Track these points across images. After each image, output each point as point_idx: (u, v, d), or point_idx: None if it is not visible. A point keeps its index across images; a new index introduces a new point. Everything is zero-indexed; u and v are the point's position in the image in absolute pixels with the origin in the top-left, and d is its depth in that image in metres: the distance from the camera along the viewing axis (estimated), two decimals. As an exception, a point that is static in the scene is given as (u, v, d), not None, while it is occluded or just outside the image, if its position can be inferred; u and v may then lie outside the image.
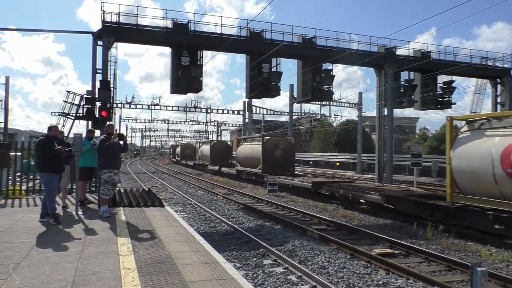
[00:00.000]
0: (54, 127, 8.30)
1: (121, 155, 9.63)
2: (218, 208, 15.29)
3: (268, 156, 24.56)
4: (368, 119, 55.59)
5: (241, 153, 29.46)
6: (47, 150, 7.83)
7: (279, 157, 25.19)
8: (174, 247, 6.07)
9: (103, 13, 18.45)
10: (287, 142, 26.45)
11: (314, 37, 21.63)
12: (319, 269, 7.48)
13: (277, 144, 25.43)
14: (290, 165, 25.69)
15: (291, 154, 26.41)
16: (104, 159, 8.75)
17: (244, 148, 29.39)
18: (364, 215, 14.00)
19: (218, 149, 39.07)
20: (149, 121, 61.89)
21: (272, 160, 24.60)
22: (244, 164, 28.57)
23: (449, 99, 25.06)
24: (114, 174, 8.84)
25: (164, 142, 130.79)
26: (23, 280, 4.37)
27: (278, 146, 25.33)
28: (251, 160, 26.65)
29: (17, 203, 10.33)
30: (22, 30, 51.34)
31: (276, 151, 25.11)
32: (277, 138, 27.24)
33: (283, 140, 26.62)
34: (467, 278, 6.89)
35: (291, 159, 26.18)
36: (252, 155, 26.50)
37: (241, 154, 29.39)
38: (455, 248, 9.34)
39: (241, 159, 29.18)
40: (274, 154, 24.91)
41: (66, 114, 18.37)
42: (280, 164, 24.68)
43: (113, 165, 8.84)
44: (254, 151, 26.23)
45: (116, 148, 8.93)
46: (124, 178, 31.42)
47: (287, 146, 25.96)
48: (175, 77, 19.66)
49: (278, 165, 24.57)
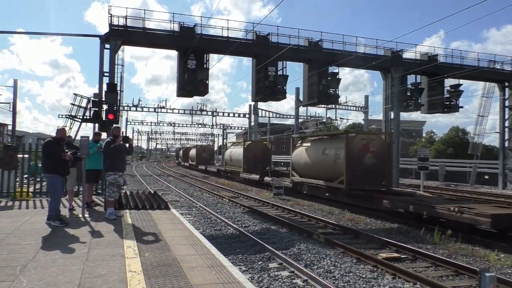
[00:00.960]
0: (61, 130, 8.39)
1: (126, 158, 9.67)
2: (223, 211, 15.28)
3: (354, 163, 16.04)
4: (375, 123, 55.35)
5: (301, 158, 20.45)
6: (52, 152, 7.94)
7: (371, 164, 16.23)
8: (179, 250, 6.07)
9: (110, 16, 18.62)
10: (381, 143, 16.93)
11: (320, 41, 21.67)
12: (325, 273, 7.44)
13: (367, 146, 16.35)
14: (384, 176, 16.74)
15: (387, 158, 16.86)
16: (110, 161, 8.78)
17: (305, 150, 20.14)
18: (371, 219, 13.92)
19: (255, 152, 30.92)
20: (155, 123, 62.24)
21: (360, 168, 16.06)
22: (305, 173, 19.95)
23: (456, 102, 24.96)
24: (119, 176, 8.87)
25: (170, 145, 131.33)
26: (30, 282, 4.39)
27: (368, 148, 16.30)
28: (322, 168, 17.97)
29: (24, 205, 10.39)
30: (30, 34, 52.43)
31: (366, 156, 16.19)
32: (368, 136, 17.65)
33: (376, 140, 16.96)
34: (475, 283, 6.81)
35: (386, 167, 16.77)
36: (324, 161, 17.86)
37: (300, 159, 20.51)
38: (463, 252, 9.25)
39: (301, 166, 20.40)
40: (364, 160, 16.19)
41: (73, 117, 18.53)
42: (370, 175, 16.13)
43: (118, 167, 8.88)
44: (328, 155, 17.55)
45: (122, 150, 8.97)
46: (130, 180, 31.53)
47: (382, 147, 16.71)
48: (181, 80, 19.76)
49: (368, 176, 16.09)
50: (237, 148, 33.08)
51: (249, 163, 30.09)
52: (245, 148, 30.66)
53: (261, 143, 33.37)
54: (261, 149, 31.56)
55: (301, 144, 21.31)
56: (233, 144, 37.43)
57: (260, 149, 31.40)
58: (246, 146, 30.84)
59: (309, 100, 22.83)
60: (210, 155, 53.26)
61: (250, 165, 29.96)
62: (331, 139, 18.78)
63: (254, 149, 31.07)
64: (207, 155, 51.98)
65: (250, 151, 30.75)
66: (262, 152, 31.14)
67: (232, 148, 35.38)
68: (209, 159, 51.66)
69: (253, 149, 31.03)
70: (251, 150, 30.89)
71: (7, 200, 11.18)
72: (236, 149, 33.14)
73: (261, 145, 32.55)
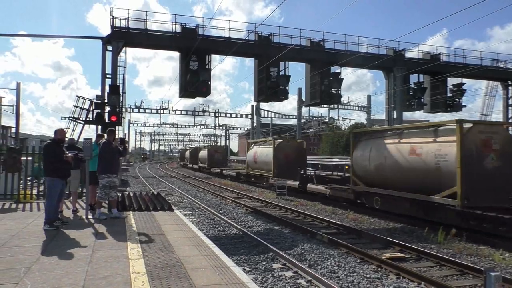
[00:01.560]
0: (60, 131, 8.25)
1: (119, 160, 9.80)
2: (227, 212, 15.28)
3: (473, 168, 10.94)
4: (377, 122, 55.26)
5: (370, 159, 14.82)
6: (51, 154, 7.86)
7: (494, 169, 11.11)
8: (183, 251, 6.06)
9: (112, 18, 18.66)
10: (505, 137, 11.58)
11: (322, 40, 21.66)
12: (329, 273, 7.42)
13: (488, 142, 11.24)
14: None
15: None
16: (105, 163, 8.92)
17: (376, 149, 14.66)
18: (374, 219, 13.88)
19: (287, 152, 25.36)
20: (158, 125, 62.53)
21: (481, 175, 10.95)
22: (376, 181, 14.47)
23: (459, 101, 24.89)
24: (113, 178, 9.02)
25: (172, 146, 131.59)
26: (34, 284, 4.40)
27: (490, 144, 11.27)
28: (409, 174, 12.87)
29: (28, 207, 10.42)
30: (32, 36, 52.48)
31: (488, 157, 11.13)
32: (488, 127, 11.80)
33: (500, 133, 11.58)
34: (480, 283, 6.78)
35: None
36: (414, 164, 12.63)
37: (369, 161, 14.84)
38: (467, 252, 9.21)
39: (369, 171, 14.87)
40: (485, 162, 11.16)
41: (76, 119, 18.59)
42: (495, 186, 10.94)
43: (112, 170, 9.04)
44: (423, 156, 12.34)
45: (116, 153, 9.15)
46: (134, 182, 31.58)
47: (508, 143, 11.53)
48: (184, 81, 19.79)
49: (492, 187, 10.94)
50: (264, 148, 27.54)
51: (281, 166, 24.76)
52: (276, 148, 25.05)
53: (295, 142, 27.97)
54: (295, 148, 25.98)
55: (369, 141, 15.28)
56: (257, 143, 30.77)
57: (294, 149, 25.84)
58: (277, 146, 25.25)
59: (312, 100, 22.81)
60: (223, 156, 48.25)
61: (282, 168, 24.53)
62: (426, 132, 12.81)
63: (286, 149, 25.51)
64: (220, 156, 47.09)
65: (281, 151, 25.17)
66: (296, 152, 25.61)
67: (256, 148, 29.35)
68: (223, 161, 46.89)
69: (284, 148, 25.47)
70: (282, 150, 25.27)
71: (11, 202, 11.22)
72: (263, 149, 27.67)
73: (294, 144, 26.92)
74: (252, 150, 29.81)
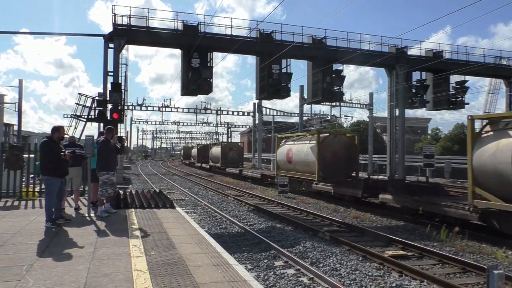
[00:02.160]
0: (60, 128, 8.08)
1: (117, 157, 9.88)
2: (228, 210, 15.28)
3: None
4: (379, 120, 55.13)
5: None
6: (48, 153, 7.74)
7: None
8: (185, 248, 6.06)
9: (114, 16, 18.62)
10: None
11: (324, 38, 21.56)
12: (331, 271, 7.41)
13: None
14: None
15: None
16: (104, 160, 9.01)
17: None
18: (376, 217, 13.86)
19: (335, 149, 19.84)
20: (160, 123, 62.37)
21: None
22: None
23: (462, 99, 24.76)
24: (111, 175, 9.14)
25: (174, 144, 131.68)
26: (36, 282, 4.39)
27: None
28: None
29: (30, 205, 10.44)
30: (34, 34, 52.49)
31: None
32: None
33: None
34: (482, 281, 6.77)
35: None
36: None
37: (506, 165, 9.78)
38: (470, 250, 9.19)
39: None
40: None
41: (78, 117, 18.60)
42: None
43: (111, 167, 9.15)
44: None
45: (113, 150, 9.27)
46: (136, 179, 31.63)
47: None
48: (185, 79, 19.74)
49: None
50: (302, 144, 21.57)
51: (328, 167, 19.28)
52: (321, 144, 19.35)
53: (344, 137, 21.35)
54: (345, 145, 20.20)
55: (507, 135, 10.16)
56: (291, 138, 24.48)
57: (343, 146, 20.09)
58: (322, 141, 19.52)
59: (313, 97, 22.73)
60: (239, 154, 42.41)
61: (329, 170, 19.26)
62: None
63: (334, 146, 19.82)
64: (235, 155, 41.47)
65: (328, 149, 19.56)
66: (346, 149, 20.03)
67: (290, 145, 23.13)
68: (238, 160, 41.40)
69: (332, 145, 19.79)
70: (329, 146, 19.65)
71: (13, 200, 11.24)
72: (300, 146, 21.68)
73: (344, 139, 20.71)
74: (285, 147, 23.67)
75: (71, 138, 10.44)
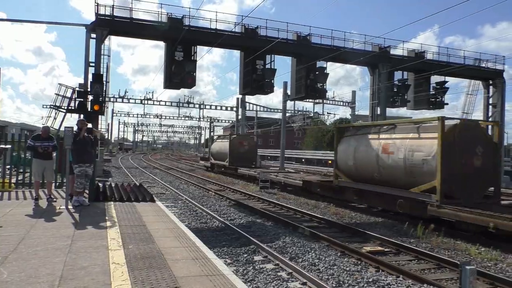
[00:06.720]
0: None
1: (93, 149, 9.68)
2: (209, 204, 15.25)
3: None
4: (362, 118, 55.73)
5: None
6: None
7: None
8: (164, 242, 6.04)
9: (97, 5, 18.26)
10: None
11: (309, 35, 21.62)
12: (310, 266, 7.49)
13: None
14: None
15: None
16: (76, 153, 8.96)
17: None
18: (356, 213, 14.04)
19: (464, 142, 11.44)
20: (142, 115, 61.44)
21: None
22: None
23: (442, 99, 25.22)
24: (86, 167, 9.11)
25: (156, 137, 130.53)
26: (10, 274, 4.32)
27: None
28: None
29: (6, 196, 10.21)
30: (13, 21, 50.42)
31: None
32: None
33: None
34: (456, 276, 6.94)
35: None
36: None
37: None
38: (445, 246, 9.41)
39: None
40: None
41: (58, 107, 18.25)
42: None
43: (84, 159, 9.09)
44: None
45: (87, 143, 9.19)
46: (116, 172, 31.24)
47: None
48: (169, 72, 19.55)
49: None
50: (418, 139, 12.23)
51: None
52: (447, 136, 11.14)
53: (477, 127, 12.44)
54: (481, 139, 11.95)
55: None
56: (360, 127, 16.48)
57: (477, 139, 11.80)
58: (448, 130, 11.24)
59: (297, 94, 22.82)
60: (252, 152, 31.97)
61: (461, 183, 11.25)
62: None
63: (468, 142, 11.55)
64: (247, 152, 31.31)
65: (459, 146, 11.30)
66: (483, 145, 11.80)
67: (379, 138, 13.84)
68: (252, 158, 31.38)
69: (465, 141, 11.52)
70: None
71: (-12, 191, 10.97)
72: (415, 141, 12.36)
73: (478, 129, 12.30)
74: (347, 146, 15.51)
75: (45, 128, 10.08)
